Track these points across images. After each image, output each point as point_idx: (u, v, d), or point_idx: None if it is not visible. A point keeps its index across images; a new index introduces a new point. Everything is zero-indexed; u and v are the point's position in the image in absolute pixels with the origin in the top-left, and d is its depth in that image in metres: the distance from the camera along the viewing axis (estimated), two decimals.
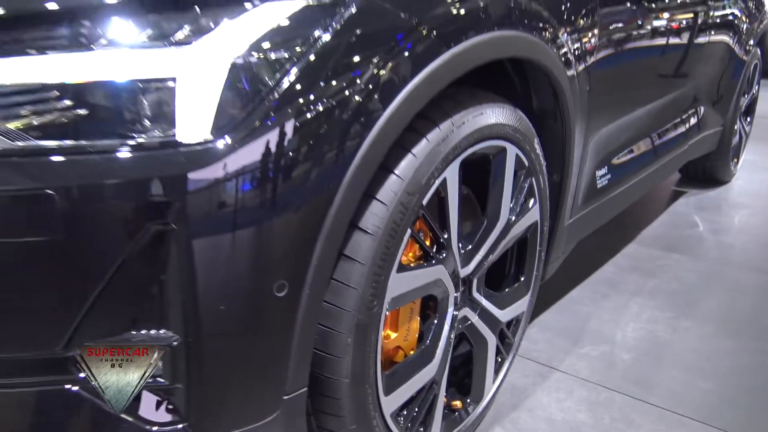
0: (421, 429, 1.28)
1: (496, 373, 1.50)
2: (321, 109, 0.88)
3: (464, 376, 1.46)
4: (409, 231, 1.06)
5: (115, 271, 0.81)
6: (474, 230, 1.33)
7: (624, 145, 2.03)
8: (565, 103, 1.43)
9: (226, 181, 0.82)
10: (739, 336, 1.97)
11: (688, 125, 2.66)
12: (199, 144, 0.81)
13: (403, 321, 1.23)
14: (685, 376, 1.75)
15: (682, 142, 2.57)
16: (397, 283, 1.07)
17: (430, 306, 1.29)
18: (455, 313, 1.29)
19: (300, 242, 0.90)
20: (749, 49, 3.31)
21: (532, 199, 1.43)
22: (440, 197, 1.15)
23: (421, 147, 1.06)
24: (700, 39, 2.50)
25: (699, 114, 2.83)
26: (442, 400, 1.31)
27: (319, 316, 0.97)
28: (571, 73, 1.44)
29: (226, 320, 0.87)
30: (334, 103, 0.89)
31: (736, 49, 3.16)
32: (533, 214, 1.45)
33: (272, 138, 0.84)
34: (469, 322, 1.36)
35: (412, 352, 1.25)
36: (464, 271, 1.29)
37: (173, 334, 0.86)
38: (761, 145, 4.26)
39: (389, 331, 1.21)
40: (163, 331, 0.86)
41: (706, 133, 2.96)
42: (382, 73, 0.95)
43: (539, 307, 2.06)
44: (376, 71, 0.94)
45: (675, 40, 2.21)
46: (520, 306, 1.52)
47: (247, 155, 0.83)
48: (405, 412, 1.22)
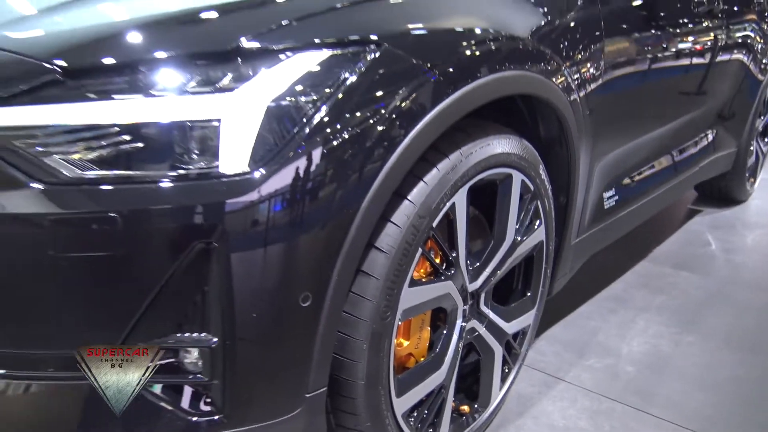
0: (431, 430, 1.39)
1: (503, 381, 1.61)
2: (343, 145, 1.02)
3: (472, 383, 1.58)
4: (420, 250, 1.19)
5: (166, 281, 0.94)
6: (482, 249, 1.45)
7: (631, 169, 2.13)
8: (569, 133, 1.55)
9: (260, 206, 0.96)
10: (740, 351, 2.05)
11: (700, 147, 2.74)
12: (238, 175, 0.95)
13: (415, 330, 1.36)
14: (684, 388, 1.84)
15: (693, 164, 2.66)
16: (409, 297, 1.20)
17: (441, 317, 1.41)
18: (463, 324, 1.42)
19: (323, 259, 1.03)
20: (765, 69, 3.37)
21: (538, 221, 1.55)
22: (449, 219, 1.28)
23: (432, 175, 1.19)
24: (711, 62, 2.59)
25: (711, 136, 2.92)
26: (450, 404, 1.43)
27: (339, 325, 1.10)
28: (576, 106, 1.55)
29: (257, 326, 1.00)
30: (355, 139, 1.03)
31: (752, 69, 3.22)
32: (539, 234, 1.57)
33: (300, 170, 0.98)
34: (477, 333, 1.48)
35: (422, 359, 1.37)
36: (472, 286, 1.41)
37: (212, 337, 0.99)
38: None
39: (402, 340, 1.34)
40: (204, 334, 1.00)
41: (720, 154, 3.04)
42: (398, 112, 1.08)
43: (549, 321, 2.16)
44: (392, 110, 1.07)
45: (684, 67, 2.31)
46: (526, 319, 1.64)
47: (278, 185, 0.97)
48: (415, 414, 1.35)
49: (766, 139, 3.86)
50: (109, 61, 0.94)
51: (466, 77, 1.18)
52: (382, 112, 1.06)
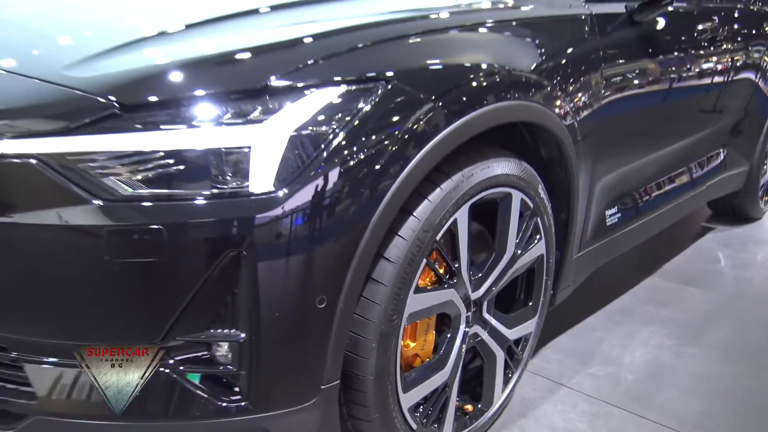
0: (435, 425, 1.53)
1: (505, 384, 1.74)
2: (355, 167, 1.17)
3: (477, 385, 1.71)
4: (424, 260, 1.34)
5: (201, 284, 1.11)
6: (485, 260, 1.59)
7: (634, 188, 2.25)
8: (568, 156, 1.68)
9: (283, 221, 1.12)
10: (739, 364, 2.15)
11: (708, 166, 2.85)
12: (265, 193, 1.11)
13: (421, 333, 1.50)
14: (681, 396, 1.95)
15: (701, 183, 2.76)
16: (414, 302, 1.35)
17: (446, 322, 1.55)
18: (466, 329, 1.55)
19: (337, 267, 1.19)
20: None
21: (538, 236, 1.68)
22: (452, 233, 1.42)
23: (436, 194, 1.34)
24: (716, 86, 2.69)
25: (722, 155, 3.01)
26: (453, 402, 1.56)
27: (350, 325, 1.26)
28: (574, 132, 1.69)
29: (279, 324, 1.16)
30: (366, 163, 1.19)
31: (762, 90, 3.29)
32: (539, 248, 1.70)
33: (318, 189, 1.14)
34: (480, 338, 1.61)
35: (427, 360, 1.51)
36: (475, 295, 1.55)
37: (240, 333, 1.15)
38: None
39: (408, 341, 1.48)
40: (233, 331, 1.15)
41: (729, 174, 3.13)
42: (404, 139, 1.24)
43: (555, 331, 2.28)
44: (399, 138, 1.23)
45: (686, 92, 2.42)
46: (528, 327, 1.77)
47: (299, 202, 1.13)
48: (421, 409, 1.49)
49: None
50: (157, 97, 1.11)
51: (467, 108, 1.33)
52: (390, 140, 1.22)
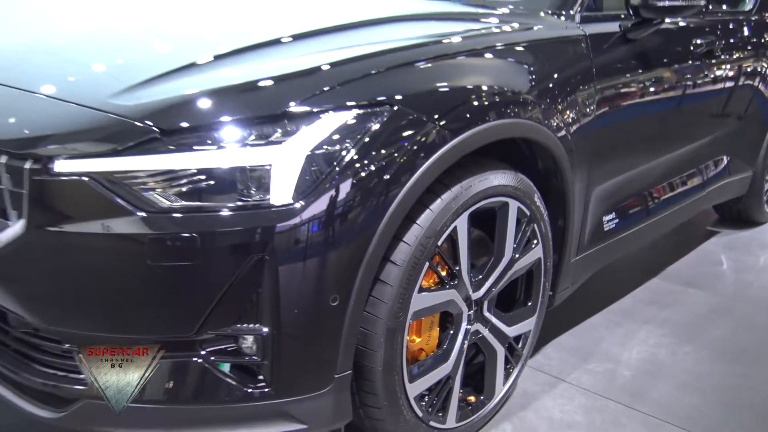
0: (440, 414, 1.68)
1: (506, 377, 1.88)
2: (364, 181, 1.33)
3: (480, 379, 1.86)
4: (427, 264, 1.49)
5: (230, 284, 1.27)
6: (485, 263, 1.74)
7: (632, 195, 2.38)
8: (562, 167, 1.82)
9: (300, 229, 1.28)
10: (732, 362, 2.27)
11: (707, 174, 2.96)
12: (284, 205, 1.27)
13: (425, 329, 1.65)
14: (673, 392, 2.07)
15: (700, 190, 2.87)
16: (418, 301, 1.51)
17: (449, 320, 1.70)
18: (468, 327, 1.70)
19: (348, 269, 1.35)
20: None
21: (535, 241, 1.83)
22: (453, 239, 1.57)
23: (437, 204, 1.49)
24: (715, 93, 2.80)
25: (722, 162, 3.12)
26: (457, 393, 1.71)
27: (361, 321, 1.41)
28: (568, 146, 1.82)
29: (297, 319, 1.32)
30: (374, 177, 1.34)
31: (763, 96, 3.39)
32: (536, 252, 1.84)
33: (330, 201, 1.30)
34: (481, 335, 1.76)
35: (432, 354, 1.67)
36: (476, 295, 1.70)
37: (264, 327, 1.31)
38: None
39: (414, 337, 1.63)
40: (257, 325, 1.32)
41: (731, 180, 3.23)
42: (409, 156, 1.39)
43: (558, 330, 2.42)
44: (404, 154, 1.38)
45: (681, 104, 2.54)
46: (527, 325, 1.91)
47: (314, 212, 1.29)
48: (426, 398, 1.64)
49: None
50: (191, 122, 1.28)
51: (464, 127, 1.48)
52: (396, 157, 1.37)
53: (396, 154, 1.38)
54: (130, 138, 1.26)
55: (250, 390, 1.35)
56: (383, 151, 1.36)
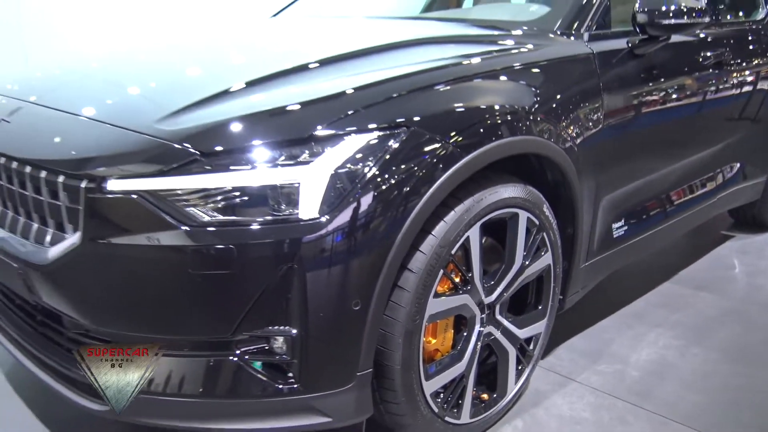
0: (454, 410, 1.81)
1: (518, 377, 2.00)
2: (383, 197, 1.46)
3: (493, 378, 1.98)
4: (441, 271, 1.62)
5: (263, 290, 1.42)
6: (496, 270, 1.86)
7: (640, 203, 2.48)
8: (570, 180, 1.94)
9: (326, 240, 1.42)
10: (738, 363, 2.36)
11: (717, 181, 3.04)
12: (311, 219, 1.41)
13: (440, 331, 1.78)
14: (679, 391, 2.17)
15: (709, 197, 2.96)
16: (433, 305, 1.63)
17: (463, 322, 1.82)
18: (481, 329, 1.83)
19: (369, 276, 1.48)
20: None
21: (545, 248, 1.95)
22: (466, 248, 1.70)
23: (451, 216, 1.62)
24: (724, 103, 2.89)
25: (734, 168, 3.20)
26: (471, 391, 1.83)
27: (381, 324, 1.54)
28: (576, 159, 1.94)
29: (323, 322, 1.46)
30: (392, 193, 1.48)
31: None
32: (546, 259, 1.96)
33: (353, 215, 1.43)
34: (493, 337, 1.88)
35: (447, 354, 1.79)
36: (488, 299, 1.82)
37: (293, 329, 1.45)
38: None
39: (430, 338, 1.76)
40: (287, 327, 1.46)
41: (744, 185, 3.30)
42: (424, 172, 1.52)
43: (570, 332, 2.53)
44: (420, 171, 1.52)
45: (691, 114, 2.64)
46: (538, 327, 2.03)
47: (338, 225, 1.42)
48: (442, 396, 1.77)
49: None
50: (228, 145, 1.43)
51: (475, 145, 1.61)
52: (412, 174, 1.50)
53: (413, 172, 1.51)
54: (175, 160, 1.41)
55: (280, 386, 1.49)
56: (401, 169, 1.50)
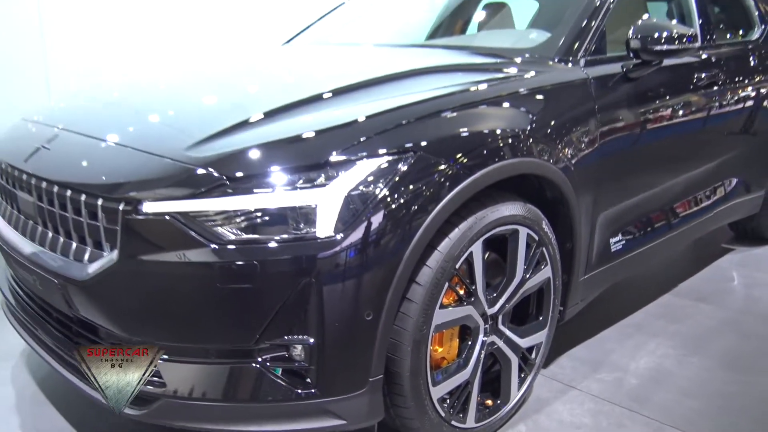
0: (460, 415, 1.93)
1: (521, 384, 2.12)
2: (393, 216, 1.60)
3: (497, 385, 2.10)
4: (447, 284, 1.75)
5: (284, 302, 1.55)
6: (499, 283, 1.99)
7: (637, 218, 2.60)
8: (567, 198, 2.07)
9: (340, 256, 1.56)
10: (733, 371, 2.46)
11: (714, 196, 3.16)
12: (327, 237, 1.55)
13: (446, 341, 1.91)
14: (676, 397, 2.28)
15: (705, 212, 3.08)
16: (439, 316, 1.76)
17: (467, 332, 1.95)
18: (485, 339, 1.95)
19: (380, 289, 1.61)
20: None
21: (545, 263, 2.07)
22: (469, 263, 1.83)
23: (455, 233, 1.76)
24: (718, 123, 3.02)
25: (729, 184, 3.31)
26: (475, 397, 1.96)
27: (391, 333, 1.67)
28: (573, 178, 2.07)
29: (338, 332, 1.59)
30: (401, 212, 1.61)
31: None
32: (546, 273, 2.09)
33: (365, 233, 1.57)
34: (496, 346, 2.00)
35: (453, 362, 1.92)
36: (491, 311, 1.95)
37: (310, 338, 1.59)
38: None
39: (437, 347, 1.89)
40: (305, 336, 1.59)
41: (741, 200, 3.42)
42: (430, 193, 1.66)
43: (572, 342, 2.65)
44: (426, 192, 1.65)
45: (686, 133, 2.77)
46: (539, 337, 2.15)
47: (352, 242, 1.56)
48: (448, 401, 1.89)
49: None
50: (251, 170, 1.57)
51: (476, 168, 1.75)
52: (419, 195, 1.64)
53: (420, 193, 1.65)
54: (204, 184, 1.55)
55: (299, 390, 1.62)
56: (409, 190, 1.63)
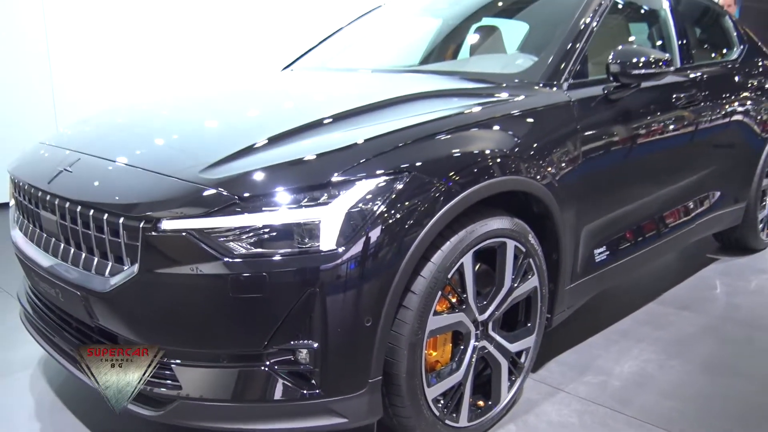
0: (454, 414, 2.08)
1: (511, 386, 2.27)
2: (390, 230, 1.75)
3: (489, 387, 2.24)
4: (440, 293, 1.91)
5: (290, 311, 1.70)
6: (488, 291, 2.14)
7: (619, 231, 2.75)
8: (551, 212, 2.23)
9: (342, 267, 1.71)
10: (712, 374, 2.61)
11: (695, 209, 3.32)
12: (330, 250, 1.70)
13: (440, 345, 2.06)
14: (657, 398, 2.43)
15: (687, 224, 3.24)
16: (433, 322, 1.91)
17: (460, 337, 2.10)
18: (476, 343, 2.10)
19: (378, 297, 1.76)
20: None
21: (531, 272, 2.23)
22: (461, 273, 1.98)
23: (447, 245, 1.91)
24: (697, 140, 3.19)
25: (710, 197, 3.48)
26: (467, 397, 2.10)
27: (388, 338, 1.82)
28: (557, 194, 2.23)
29: (340, 337, 1.74)
30: (397, 227, 1.77)
31: (755, 130, 3.73)
32: (533, 282, 2.24)
33: (365, 246, 1.72)
34: (487, 350, 2.15)
35: (446, 365, 2.07)
36: (481, 317, 2.10)
37: (314, 342, 1.73)
38: None
39: (431, 351, 2.04)
40: (310, 341, 1.74)
41: (722, 212, 3.59)
42: (423, 209, 1.81)
43: (560, 348, 2.79)
44: (420, 208, 1.81)
45: (665, 150, 2.93)
46: (527, 342, 2.29)
47: (352, 255, 1.71)
48: (442, 401, 2.04)
49: None
50: (260, 190, 1.73)
51: (466, 186, 1.90)
52: (413, 211, 1.80)
53: (414, 209, 1.80)
54: (217, 204, 1.70)
55: (304, 391, 1.77)
56: (404, 207, 1.79)
